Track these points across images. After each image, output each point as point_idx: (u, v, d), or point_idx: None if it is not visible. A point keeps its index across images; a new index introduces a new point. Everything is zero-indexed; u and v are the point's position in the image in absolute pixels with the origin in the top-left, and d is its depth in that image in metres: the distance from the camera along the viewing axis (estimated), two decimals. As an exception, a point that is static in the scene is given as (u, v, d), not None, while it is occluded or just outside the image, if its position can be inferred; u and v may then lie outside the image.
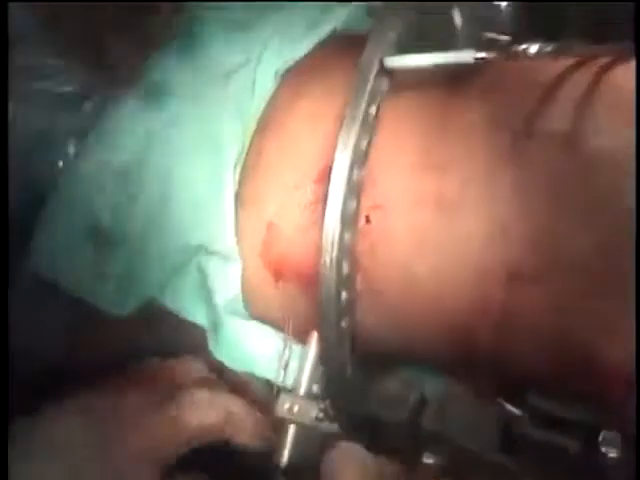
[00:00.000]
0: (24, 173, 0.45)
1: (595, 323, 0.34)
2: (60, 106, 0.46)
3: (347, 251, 0.34)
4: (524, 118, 0.34)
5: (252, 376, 0.46)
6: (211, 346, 0.45)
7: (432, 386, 0.37)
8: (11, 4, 0.40)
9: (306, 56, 0.44)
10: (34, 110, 0.46)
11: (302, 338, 0.43)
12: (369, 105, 0.34)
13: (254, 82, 0.44)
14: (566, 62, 0.34)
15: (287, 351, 0.45)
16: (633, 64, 0.33)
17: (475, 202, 0.35)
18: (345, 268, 0.34)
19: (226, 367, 0.45)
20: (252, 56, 0.44)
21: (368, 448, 0.38)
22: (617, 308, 0.33)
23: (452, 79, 0.36)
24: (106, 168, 0.44)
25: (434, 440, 0.36)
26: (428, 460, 0.36)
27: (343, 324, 0.34)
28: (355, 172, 0.33)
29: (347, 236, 0.33)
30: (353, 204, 0.33)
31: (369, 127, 0.34)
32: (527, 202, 0.34)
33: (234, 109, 0.44)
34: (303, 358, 0.42)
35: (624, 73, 0.34)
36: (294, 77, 0.44)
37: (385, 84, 0.35)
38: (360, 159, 0.34)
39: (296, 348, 0.44)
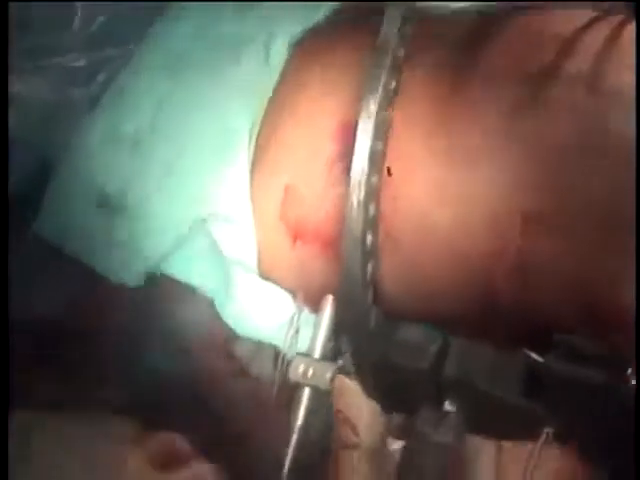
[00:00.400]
0: (35, 144, 0.45)
1: (609, 265, 0.34)
2: (71, 79, 0.46)
3: (373, 193, 0.34)
4: (543, 67, 0.35)
5: (260, 346, 0.45)
6: (221, 313, 0.44)
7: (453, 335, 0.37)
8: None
9: (318, 28, 0.45)
10: (45, 84, 0.46)
11: (315, 304, 0.43)
12: (394, 56, 0.35)
13: (267, 53, 0.44)
14: (582, 16, 0.36)
15: (298, 318, 0.45)
16: None
17: (494, 151, 0.36)
18: (371, 210, 0.34)
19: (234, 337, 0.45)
20: (263, 30, 0.45)
21: (388, 403, 0.38)
22: (631, 250, 0.34)
23: (472, 32, 0.37)
24: (115, 135, 0.44)
25: (456, 388, 0.35)
26: (449, 408, 0.36)
27: (368, 268, 0.35)
28: (381, 115, 0.34)
29: (374, 179, 0.34)
30: (380, 146, 0.34)
31: (395, 74, 0.35)
32: (545, 149, 0.35)
33: (247, 80, 0.44)
34: (318, 321, 0.42)
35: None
36: (308, 46, 0.44)
37: (407, 39, 0.36)
38: (386, 104, 0.34)
39: (308, 315, 0.44)
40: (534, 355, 0.35)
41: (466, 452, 0.38)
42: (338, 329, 0.40)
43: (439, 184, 0.37)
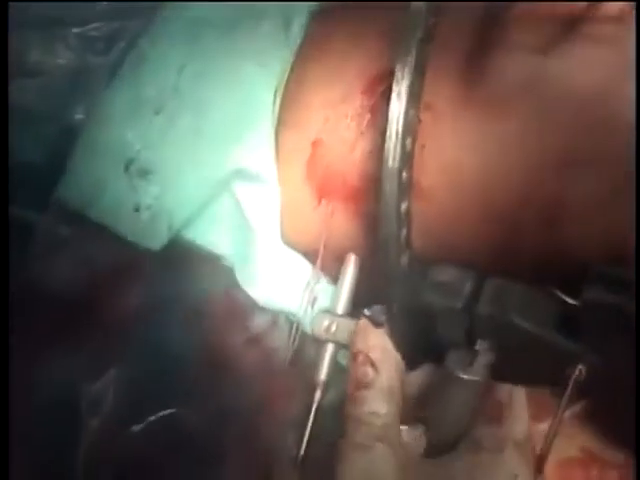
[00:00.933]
0: (56, 113, 0.45)
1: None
2: (92, 48, 0.47)
3: (410, 129, 0.34)
4: (569, 16, 0.36)
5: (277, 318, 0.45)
6: (240, 279, 0.44)
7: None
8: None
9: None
10: (66, 52, 0.46)
11: (335, 267, 0.43)
12: (429, 6, 0.35)
13: (287, 20, 0.45)
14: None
15: (314, 285, 0.45)
16: None
17: (522, 97, 0.36)
18: (408, 145, 0.34)
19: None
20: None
21: (418, 350, 0.38)
22: None
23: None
24: (138, 100, 0.44)
25: (490, 327, 0.36)
26: (481, 347, 0.36)
27: (403, 206, 0.35)
28: (419, 60, 0.34)
29: (411, 113, 0.34)
30: (416, 87, 0.35)
31: (429, 25, 0.35)
32: (575, 96, 0.36)
33: (267, 45, 0.45)
34: (341, 279, 0.42)
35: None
36: (331, 12, 0.45)
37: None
38: (422, 52, 0.35)
39: (326, 285, 0.44)
40: (566, 297, 0.35)
41: (499, 393, 0.37)
42: (367, 280, 0.40)
43: (466, 133, 0.37)
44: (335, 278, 0.43)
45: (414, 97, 0.35)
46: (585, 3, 0.36)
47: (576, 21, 0.36)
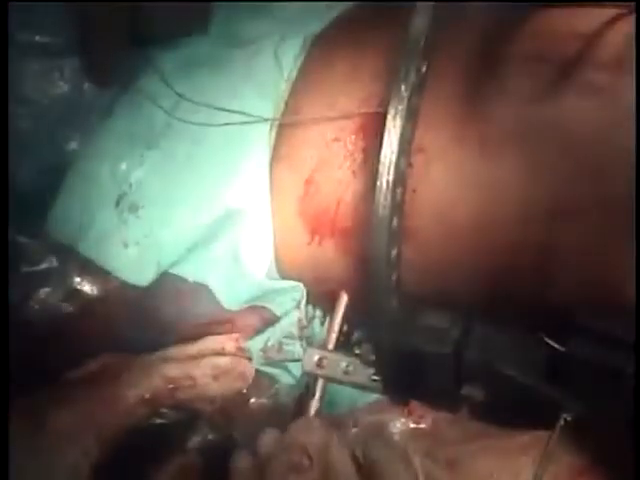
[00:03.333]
0: (48, 142, 0.45)
1: (627, 259, 0.35)
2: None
3: (402, 177, 0.34)
4: (565, 61, 0.36)
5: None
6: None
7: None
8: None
9: (334, 25, 0.46)
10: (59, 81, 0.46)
11: (328, 300, 0.43)
12: (426, 42, 0.35)
13: (278, 53, 0.44)
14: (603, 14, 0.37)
15: (306, 318, 0.45)
16: None
17: (516, 143, 0.36)
18: (399, 194, 0.34)
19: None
20: (276, 30, 0.45)
21: (405, 390, 0.39)
22: None
23: (500, 22, 0.38)
24: (130, 136, 0.43)
25: (477, 373, 0.36)
26: (467, 393, 0.36)
27: (393, 252, 0.35)
28: (413, 100, 0.34)
29: (402, 162, 0.34)
30: (408, 131, 0.35)
31: (425, 60, 0.35)
32: (570, 142, 0.36)
33: (263, 78, 0.44)
34: (332, 315, 0.42)
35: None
36: (325, 43, 0.45)
37: (438, 27, 0.36)
38: (417, 89, 0.35)
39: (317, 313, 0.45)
40: (554, 343, 0.35)
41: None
42: (358, 317, 0.40)
43: (459, 176, 0.37)
44: (327, 311, 0.44)
45: (406, 143, 0.35)
46: (580, 47, 0.36)
47: (571, 67, 0.36)
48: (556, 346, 0.35)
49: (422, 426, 0.50)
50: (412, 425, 0.50)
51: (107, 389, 0.39)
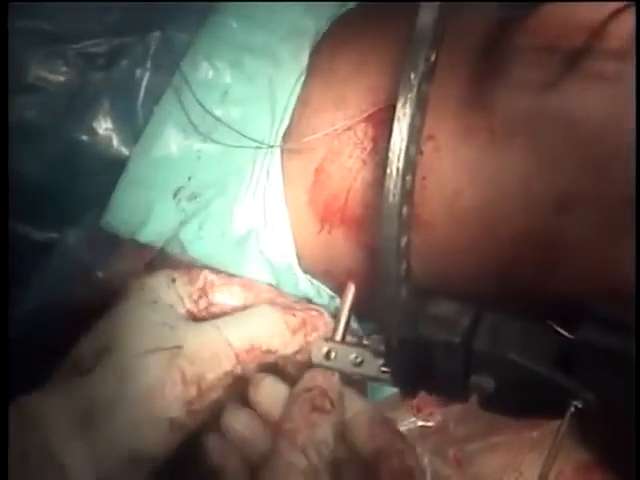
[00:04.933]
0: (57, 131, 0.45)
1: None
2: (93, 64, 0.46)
3: (411, 166, 0.34)
4: (573, 52, 0.36)
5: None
6: None
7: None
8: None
9: (340, 21, 0.46)
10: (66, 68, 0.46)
11: (339, 289, 0.44)
12: (435, 33, 0.35)
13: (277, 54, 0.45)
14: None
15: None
16: None
17: (524, 133, 0.36)
18: (408, 182, 0.34)
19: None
20: (277, 30, 0.45)
21: (415, 381, 0.39)
22: None
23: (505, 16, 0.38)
24: (185, 127, 0.43)
25: (487, 362, 0.36)
26: (477, 382, 0.36)
27: (403, 241, 0.35)
28: (422, 89, 0.34)
29: (412, 150, 0.34)
30: (417, 119, 0.35)
31: (433, 50, 0.35)
32: (576, 133, 0.36)
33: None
34: (340, 306, 0.42)
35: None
36: (334, 36, 0.45)
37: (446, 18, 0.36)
38: (426, 79, 0.35)
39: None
40: (563, 331, 0.35)
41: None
42: (367, 307, 0.40)
43: (468, 166, 0.37)
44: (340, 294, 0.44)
45: (415, 131, 0.35)
46: (586, 38, 0.36)
47: (577, 57, 0.36)
48: (565, 334, 0.35)
49: (430, 424, 0.51)
50: (420, 423, 0.51)
51: None
